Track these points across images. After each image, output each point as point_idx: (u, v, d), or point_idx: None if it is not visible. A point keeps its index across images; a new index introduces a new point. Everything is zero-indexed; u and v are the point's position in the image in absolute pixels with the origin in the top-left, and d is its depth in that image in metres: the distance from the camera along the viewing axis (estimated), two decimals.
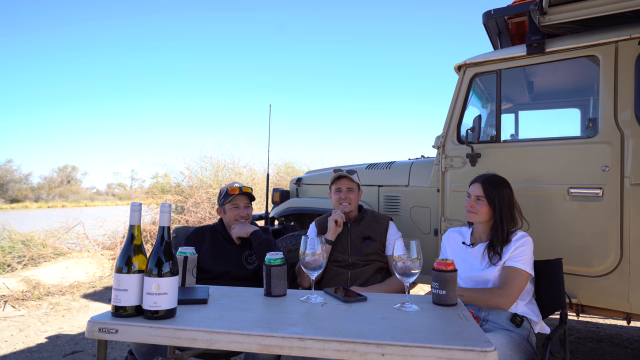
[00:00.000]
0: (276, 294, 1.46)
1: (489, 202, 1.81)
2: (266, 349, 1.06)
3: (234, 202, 2.21)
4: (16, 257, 5.27)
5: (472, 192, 1.87)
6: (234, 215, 2.21)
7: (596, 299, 2.18)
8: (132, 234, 1.20)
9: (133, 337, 1.13)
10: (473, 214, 1.85)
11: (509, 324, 1.67)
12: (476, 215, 1.84)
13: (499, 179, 1.87)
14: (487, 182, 1.85)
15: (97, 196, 45.76)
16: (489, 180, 1.85)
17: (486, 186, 1.83)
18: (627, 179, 2.08)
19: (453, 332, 1.10)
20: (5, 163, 39.12)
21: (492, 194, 1.81)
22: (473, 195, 1.86)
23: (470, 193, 1.88)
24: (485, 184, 1.84)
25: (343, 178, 2.31)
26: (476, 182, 1.88)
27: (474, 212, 1.84)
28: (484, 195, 1.82)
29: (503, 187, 1.84)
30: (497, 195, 1.80)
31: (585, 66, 2.39)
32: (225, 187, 2.26)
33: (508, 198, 1.82)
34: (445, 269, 1.36)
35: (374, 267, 2.21)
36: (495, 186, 1.83)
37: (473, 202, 1.85)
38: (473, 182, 1.91)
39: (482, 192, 1.83)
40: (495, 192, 1.81)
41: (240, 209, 2.22)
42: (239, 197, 2.22)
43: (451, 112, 2.64)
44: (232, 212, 2.21)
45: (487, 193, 1.81)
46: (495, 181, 1.85)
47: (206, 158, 8.83)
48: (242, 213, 2.22)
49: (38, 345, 3.11)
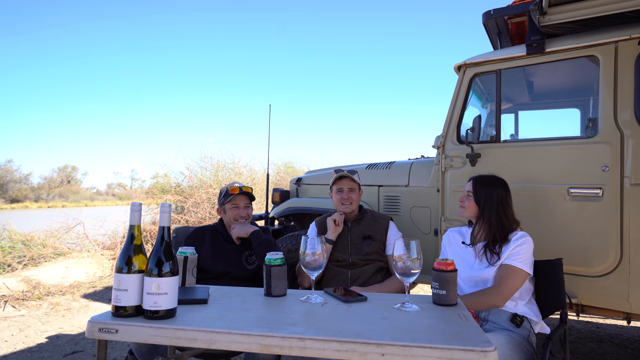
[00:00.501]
0: (276, 294, 1.46)
1: (476, 199, 1.86)
2: (266, 349, 1.06)
3: (233, 201, 2.21)
4: (16, 257, 5.27)
5: (466, 188, 1.96)
6: (234, 215, 2.21)
7: (596, 299, 2.18)
8: (132, 234, 1.20)
9: (133, 337, 1.13)
10: (462, 209, 1.94)
11: (509, 324, 1.68)
12: (465, 210, 1.92)
13: (492, 179, 1.91)
14: (478, 179, 1.92)
15: (97, 196, 45.79)
16: (480, 178, 1.92)
17: (476, 183, 1.90)
18: (627, 179, 2.08)
19: (453, 332, 1.10)
20: (5, 163, 39.17)
21: (480, 191, 1.86)
22: (465, 191, 1.95)
23: (465, 189, 1.96)
24: (477, 181, 1.91)
25: (344, 178, 2.31)
26: (470, 180, 1.96)
27: (463, 206, 1.93)
28: (472, 191, 1.89)
29: (495, 186, 1.87)
30: (484, 193, 1.85)
31: (585, 66, 2.39)
32: (226, 187, 2.26)
33: (499, 197, 1.84)
34: (445, 269, 1.36)
35: (374, 266, 2.21)
36: (485, 184, 1.88)
37: (463, 197, 1.94)
38: (469, 180, 1.98)
39: (472, 188, 1.90)
40: (482, 190, 1.86)
41: (240, 209, 2.22)
42: (239, 197, 2.22)
43: (451, 112, 2.64)
44: (232, 212, 2.21)
45: (475, 189, 1.88)
46: (487, 180, 1.90)
47: (206, 158, 8.85)
48: (242, 213, 2.22)
49: (38, 345, 3.11)
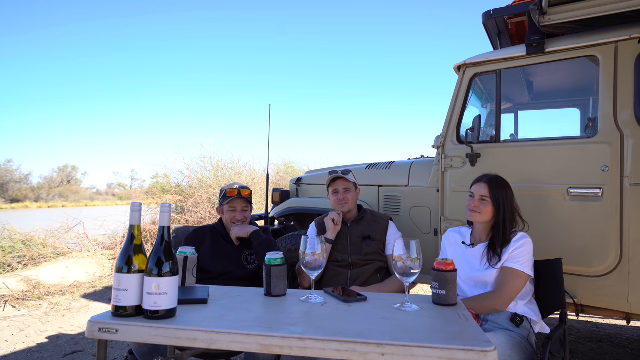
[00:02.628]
0: (276, 294, 1.46)
1: (494, 203, 1.80)
2: (266, 349, 1.06)
3: (231, 204, 2.21)
4: (16, 257, 5.27)
5: (477, 192, 1.85)
6: (230, 217, 2.21)
7: (596, 299, 2.18)
8: (132, 234, 1.20)
9: (133, 337, 1.13)
10: (476, 214, 1.83)
11: (509, 324, 1.68)
12: (479, 215, 1.82)
13: (503, 181, 1.87)
14: (492, 182, 1.84)
15: (97, 196, 45.81)
16: (494, 181, 1.85)
17: (492, 187, 1.82)
18: (627, 179, 2.08)
19: (453, 332, 1.10)
20: (5, 163, 39.17)
21: (498, 195, 1.81)
22: (477, 195, 1.84)
23: (474, 193, 1.86)
24: (492, 184, 1.83)
25: (338, 179, 2.31)
26: (481, 182, 1.87)
27: (477, 211, 1.83)
28: (489, 195, 1.81)
29: (507, 188, 1.85)
30: (501, 197, 1.80)
31: (585, 66, 2.39)
32: (225, 188, 2.26)
33: (510, 200, 1.83)
34: (445, 269, 1.36)
35: (374, 267, 2.21)
36: (500, 187, 1.83)
37: (477, 202, 1.83)
38: (477, 181, 1.90)
39: (488, 192, 1.82)
40: (500, 194, 1.81)
41: (236, 212, 2.21)
42: (236, 200, 2.21)
43: (451, 112, 2.64)
44: (229, 214, 2.22)
45: (492, 194, 1.81)
46: (500, 182, 1.86)
47: (206, 158, 8.84)
48: (238, 217, 2.21)
49: (38, 345, 3.11)
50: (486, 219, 1.83)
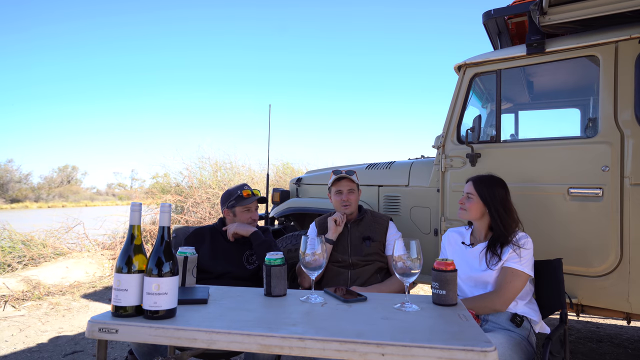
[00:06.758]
0: (276, 294, 1.46)
1: (482, 199, 1.83)
2: (266, 349, 1.06)
3: (247, 205, 2.24)
4: (16, 257, 5.27)
5: (465, 190, 1.92)
6: (246, 218, 2.25)
7: (596, 299, 2.18)
8: (132, 234, 1.20)
9: (133, 337, 1.13)
10: (463, 211, 1.89)
11: (509, 324, 1.68)
12: (466, 212, 1.88)
13: (491, 178, 1.89)
14: (478, 180, 1.89)
15: (97, 196, 45.83)
16: (480, 179, 1.89)
17: (477, 184, 1.87)
18: (627, 179, 2.08)
19: (453, 332, 1.10)
20: (5, 163, 39.19)
21: (484, 192, 1.84)
22: (465, 193, 1.91)
23: (464, 191, 1.93)
24: (477, 182, 1.88)
25: (343, 179, 2.30)
26: (468, 181, 1.93)
27: (463, 209, 1.89)
28: (475, 192, 1.85)
29: (496, 186, 1.86)
30: (488, 194, 1.83)
31: (585, 66, 2.39)
32: (236, 190, 2.27)
33: (501, 197, 1.83)
34: (445, 269, 1.36)
35: (374, 267, 2.20)
36: (486, 185, 1.86)
37: (463, 199, 1.90)
38: (467, 181, 1.95)
39: (473, 189, 1.86)
40: (486, 191, 1.84)
41: (252, 212, 2.28)
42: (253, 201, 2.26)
43: (451, 112, 2.64)
44: (244, 215, 2.25)
45: (478, 191, 1.85)
46: (487, 180, 1.88)
47: (204, 159, 8.85)
48: (254, 216, 2.28)
49: (38, 345, 3.11)
50: (474, 217, 1.86)
